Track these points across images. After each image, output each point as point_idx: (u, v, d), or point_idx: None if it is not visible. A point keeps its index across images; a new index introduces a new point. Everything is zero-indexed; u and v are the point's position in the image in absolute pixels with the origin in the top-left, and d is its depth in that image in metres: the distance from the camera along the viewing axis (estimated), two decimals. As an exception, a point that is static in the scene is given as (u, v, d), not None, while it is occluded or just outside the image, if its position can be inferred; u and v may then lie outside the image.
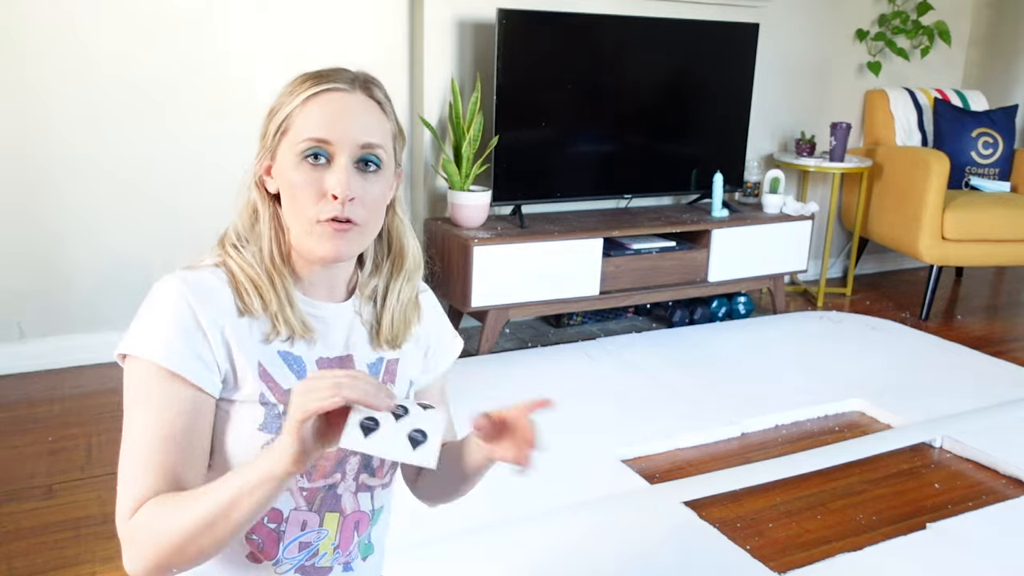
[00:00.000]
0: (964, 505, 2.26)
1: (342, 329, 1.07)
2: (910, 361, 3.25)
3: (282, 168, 1.01)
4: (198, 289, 0.98)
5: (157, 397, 0.94)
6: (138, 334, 0.96)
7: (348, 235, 1.00)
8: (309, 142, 0.99)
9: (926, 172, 3.71)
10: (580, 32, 3.31)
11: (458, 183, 3.16)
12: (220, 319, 0.98)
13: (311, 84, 1.01)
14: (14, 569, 1.84)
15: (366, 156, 1.01)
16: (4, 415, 2.56)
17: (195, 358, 0.95)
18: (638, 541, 2.00)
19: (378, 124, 1.02)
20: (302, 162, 0.99)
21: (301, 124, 0.99)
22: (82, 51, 2.80)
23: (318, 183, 0.99)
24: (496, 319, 3.15)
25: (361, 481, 1.07)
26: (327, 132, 0.99)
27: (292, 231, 1.03)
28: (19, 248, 2.84)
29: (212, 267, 1.02)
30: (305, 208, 0.99)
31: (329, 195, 0.98)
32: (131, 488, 0.92)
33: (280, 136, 1.01)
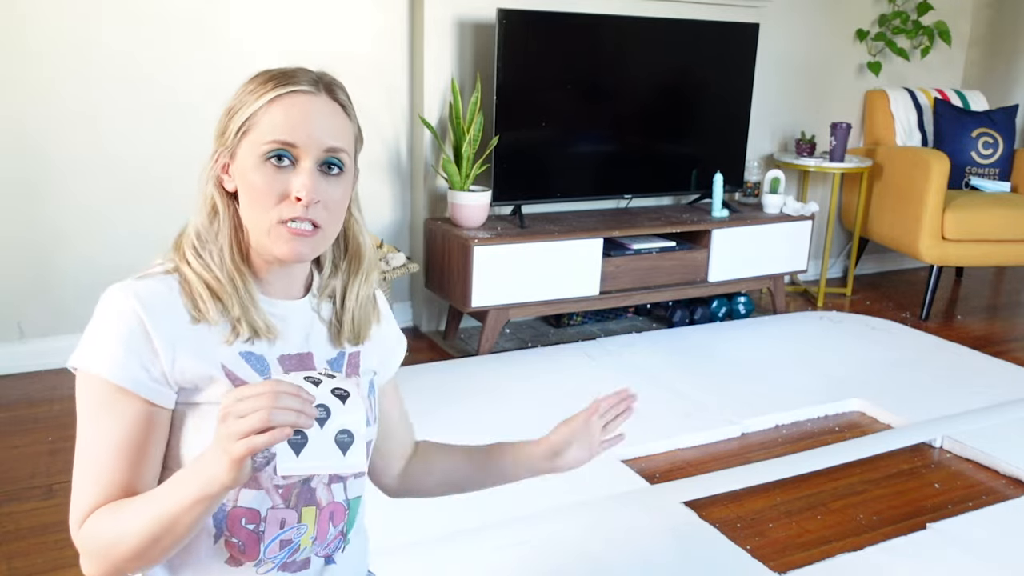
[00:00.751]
0: (964, 505, 2.26)
1: (301, 326, 1.07)
2: (910, 361, 3.25)
3: (243, 168, 1.00)
4: (148, 300, 0.96)
5: (106, 411, 0.95)
6: (87, 348, 0.96)
7: (309, 239, 1.00)
8: (274, 144, 0.98)
9: (926, 172, 3.71)
10: (580, 32, 3.31)
11: (458, 183, 3.16)
12: (172, 330, 0.96)
13: (275, 84, 1.00)
14: (14, 569, 1.84)
15: (330, 160, 1.00)
16: (4, 415, 2.56)
17: (144, 372, 0.94)
18: (638, 541, 2.00)
19: (342, 127, 1.02)
20: (265, 163, 0.98)
21: (266, 125, 0.99)
22: (82, 51, 2.80)
23: (281, 184, 0.98)
24: (496, 319, 3.15)
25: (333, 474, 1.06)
26: (292, 135, 0.98)
27: (251, 231, 1.02)
28: (19, 248, 2.84)
29: (163, 274, 1.01)
30: (266, 209, 0.99)
31: (293, 197, 0.98)
32: (80, 499, 0.95)
33: (242, 135, 1.00)
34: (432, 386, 2.79)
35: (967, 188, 4.17)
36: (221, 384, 0.98)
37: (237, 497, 0.99)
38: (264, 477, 0.99)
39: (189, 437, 0.98)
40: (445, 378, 2.91)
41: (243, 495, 0.99)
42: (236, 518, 1.00)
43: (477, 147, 3.20)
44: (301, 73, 1.02)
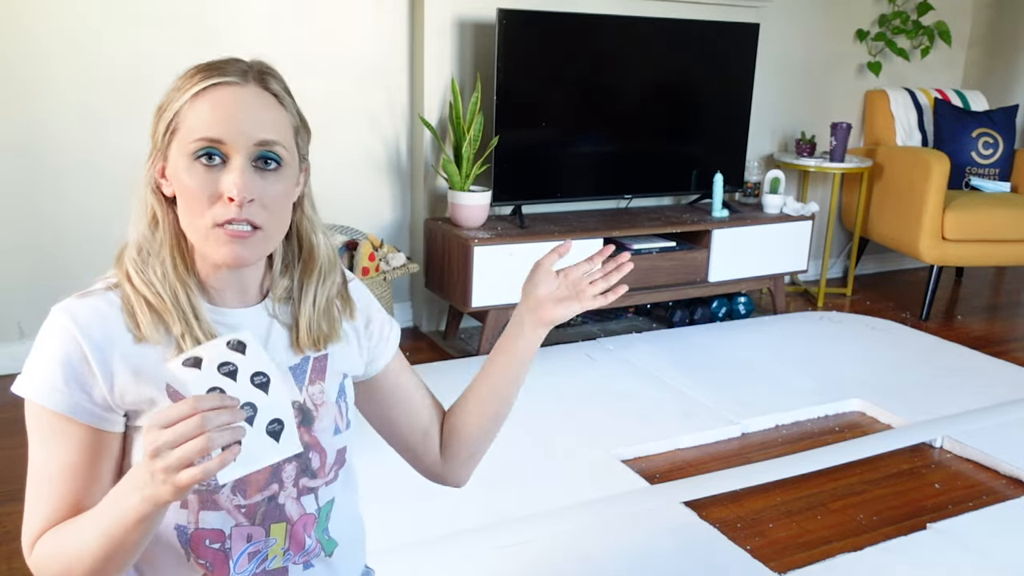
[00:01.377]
0: (964, 505, 2.26)
1: (257, 334, 0.99)
2: (910, 361, 3.25)
3: (175, 170, 0.95)
4: (86, 323, 0.93)
5: (51, 439, 0.94)
6: (29, 375, 0.94)
7: (248, 240, 0.93)
8: (200, 142, 0.92)
9: (926, 172, 3.71)
10: (580, 32, 3.31)
11: (458, 183, 3.16)
12: (112, 351, 0.93)
13: (200, 78, 0.95)
14: (14, 569, 1.84)
15: (264, 154, 0.94)
16: (4, 415, 2.56)
17: (84, 398, 0.92)
18: (638, 541, 2.00)
19: (275, 119, 0.96)
20: (194, 163, 0.93)
21: (191, 122, 0.93)
22: (82, 51, 2.80)
23: (212, 185, 0.92)
24: (496, 319, 3.15)
25: (302, 485, 1.03)
26: (219, 131, 0.92)
27: (190, 237, 0.97)
28: (19, 248, 2.84)
29: (104, 292, 0.96)
30: (200, 212, 0.93)
31: (225, 197, 0.92)
32: (32, 520, 0.95)
33: (170, 136, 0.95)
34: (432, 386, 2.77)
35: (967, 188, 4.17)
36: (162, 405, 0.93)
37: (197, 520, 0.96)
38: (223, 498, 0.96)
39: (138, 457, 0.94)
40: (445, 378, 2.91)
41: (204, 517, 0.97)
42: (199, 540, 0.97)
43: (477, 147, 3.20)
44: (230, 64, 0.96)
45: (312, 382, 1.05)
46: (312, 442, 1.03)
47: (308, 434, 1.03)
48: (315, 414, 1.04)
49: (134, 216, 1.00)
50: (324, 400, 1.05)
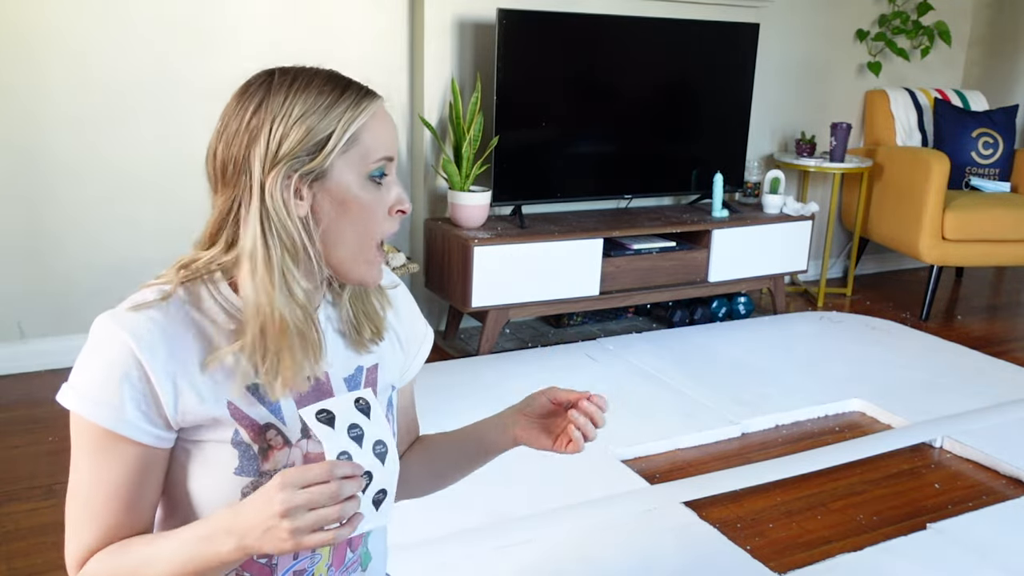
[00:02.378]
0: (964, 505, 2.26)
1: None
2: (910, 361, 3.25)
3: (341, 187, 0.92)
4: (149, 339, 0.89)
5: (101, 455, 0.90)
6: (79, 388, 0.89)
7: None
8: (382, 161, 0.95)
9: (926, 172, 3.71)
10: (580, 32, 3.31)
11: (458, 183, 3.16)
12: (176, 369, 0.90)
13: (358, 95, 0.94)
14: (14, 569, 1.84)
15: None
16: (4, 415, 2.56)
17: (142, 418, 0.89)
18: (638, 541, 2.00)
19: None
20: (369, 181, 0.94)
21: (370, 142, 0.93)
22: (81, 52, 2.80)
23: (384, 200, 0.96)
24: (496, 319, 3.15)
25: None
26: (392, 149, 0.96)
27: (336, 254, 0.95)
28: (20, 248, 2.84)
29: (162, 303, 0.92)
30: (375, 229, 0.95)
31: (395, 211, 0.96)
32: (79, 537, 0.92)
33: (339, 151, 0.92)
34: (432, 386, 2.79)
35: (967, 188, 4.17)
36: (224, 425, 0.93)
37: None
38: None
39: (196, 471, 0.94)
40: (445, 378, 2.91)
41: None
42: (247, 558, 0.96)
43: (477, 147, 3.20)
44: (355, 83, 0.98)
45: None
46: None
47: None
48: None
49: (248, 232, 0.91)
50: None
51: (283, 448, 0.96)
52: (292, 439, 0.96)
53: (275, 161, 0.90)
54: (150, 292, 0.93)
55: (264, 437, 0.94)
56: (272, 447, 0.95)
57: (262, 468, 0.94)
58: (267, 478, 0.94)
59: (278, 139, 0.91)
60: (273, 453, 0.95)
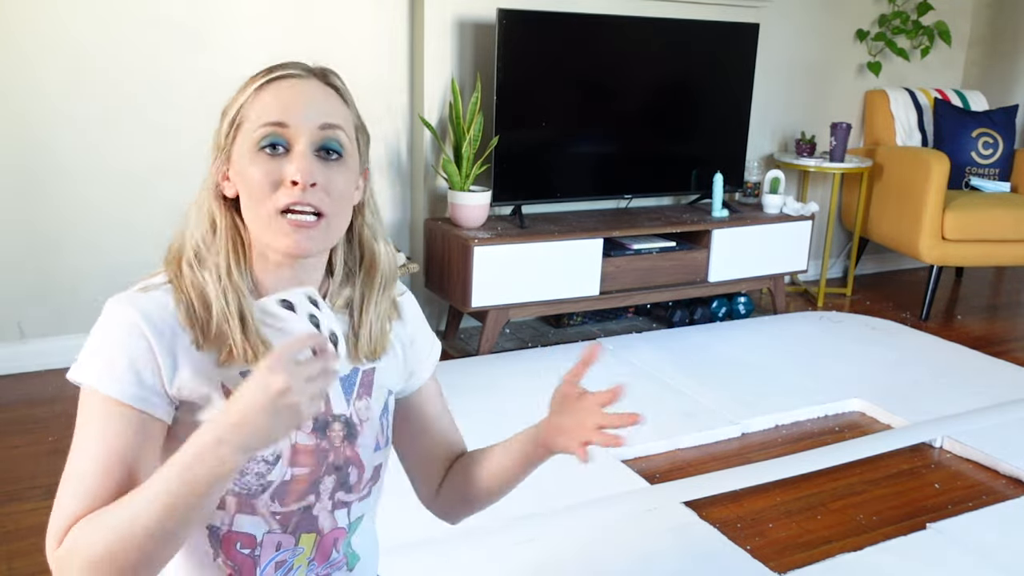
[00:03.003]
0: (964, 505, 2.26)
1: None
2: (910, 361, 3.25)
3: (239, 166, 0.96)
4: (152, 315, 0.93)
5: (103, 422, 0.91)
6: (88, 362, 0.93)
7: (312, 230, 0.95)
8: (266, 128, 0.94)
9: (926, 172, 3.71)
10: (580, 32, 3.31)
11: (458, 183, 3.16)
12: (176, 344, 0.94)
13: (263, 74, 0.98)
14: (14, 569, 1.84)
15: (327, 142, 0.96)
16: (4, 415, 2.56)
17: (143, 385, 0.92)
18: (638, 541, 2.00)
19: (337, 109, 0.98)
20: (259, 153, 0.95)
21: (256, 113, 0.95)
22: (82, 52, 2.80)
23: (276, 172, 0.94)
24: (496, 319, 3.15)
25: (337, 499, 1.03)
26: (283, 115, 0.94)
27: (252, 230, 0.98)
28: (20, 248, 2.84)
29: (165, 286, 0.97)
30: (263, 200, 0.94)
31: (288, 181, 0.94)
32: (66, 508, 0.88)
33: (234, 132, 0.97)
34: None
35: (967, 188, 4.17)
36: (217, 405, 0.94)
37: (232, 522, 0.97)
38: (260, 504, 0.97)
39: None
40: (445, 378, 2.89)
41: (238, 520, 0.97)
42: (231, 541, 0.98)
43: (477, 147, 3.20)
44: (292, 63, 0.99)
45: (359, 397, 1.05)
46: (352, 457, 1.04)
47: (350, 449, 1.03)
48: (359, 429, 1.04)
49: (192, 220, 1.00)
50: (369, 416, 1.06)
51: None
52: None
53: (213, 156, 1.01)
54: (157, 276, 0.99)
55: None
56: None
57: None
58: (254, 463, 0.96)
59: (215, 136, 1.00)
60: None
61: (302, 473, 0.99)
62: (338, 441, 1.02)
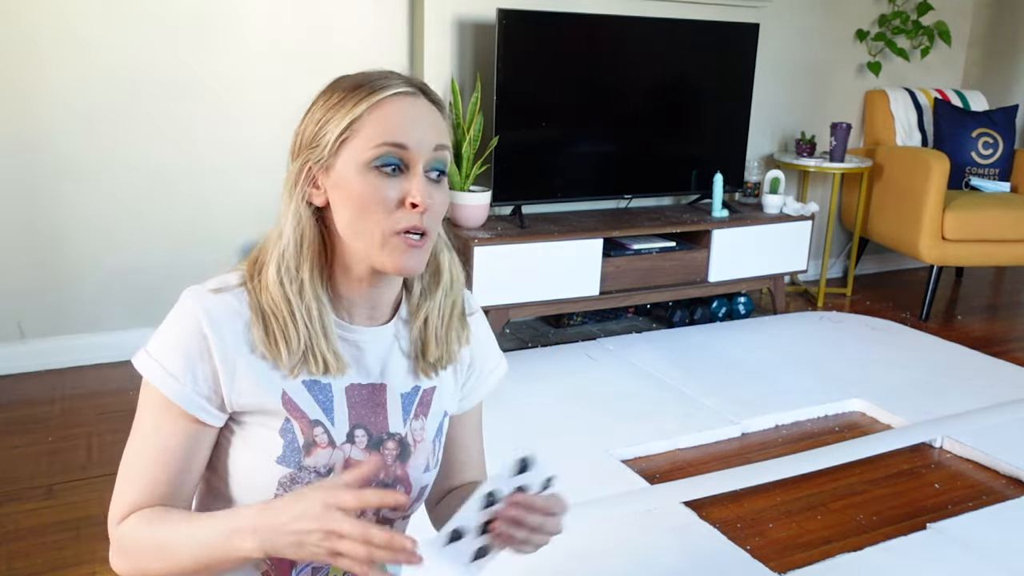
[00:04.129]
0: (964, 505, 2.26)
1: (378, 355, 1.03)
2: (910, 361, 3.25)
3: (344, 178, 0.94)
4: (219, 319, 0.94)
5: (159, 419, 0.95)
6: (151, 355, 0.95)
7: (422, 249, 0.95)
8: (384, 147, 0.92)
9: (926, 172, 3.71)
10: (580, 32, 3.31)
11: (458, 183, 3.16)
12: (239, 351, 0.94)
13: (370, 89, 0.94)
14: (14, 569, 1.84)
15: (438, 164, 0.96)
16: (4, 415, 2.56)
17: (196, 390, 0.93)
18: (638, 541, 2.00)
19: (444, 127, 0.98)
20: (370, 171, 0.93)
21: (371, 129, 0.93)
22: (83, 51, 2.80)
23: (393, 191, 0.93)
24: (496, 319, 3.15)
25: (382, 515, 1.04)
26: (404, 136, 0.93)
27: (354, 245, 0.96)
28: (20, 248, 2.84)
29: (239, 289, 0.97)
30: (379, 220, 0.93)
31: (408, 204, 0.93)
32: (125, 494, 0.95)
33: (340, 145, 0.94)
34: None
35: (967, 188, 4.17)
36: (275, 413, 0.96)
37: None
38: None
39: (240, 448, 0.97)
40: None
41: None
42: None
43: (477, 147, 3.20)
44: (390, 76, 0.97)
45: (416, 416, 1.06)
46: (402, 476, 1.04)
47: (401, 468, 1.04)
48: (412, 449, 1.05)
49: (283, 225, 0.97)
50: (424, 437, 1.06)
51: (327, 447, 0.98)
52: (337, 441, 0.99)
53: (297, 152, 0.98)
54: (233, 276, 0.99)
55: (312, 432, 0.97)
56: (317, 444, 0.97)
57: (303, 462, 0.96)
58: (307, 472, 0.96)
59: (301, 132, 0.98)
60: (316, 450, 0.97)
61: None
62: (391, 459, 1.03)
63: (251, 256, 1.00)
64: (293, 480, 0.96)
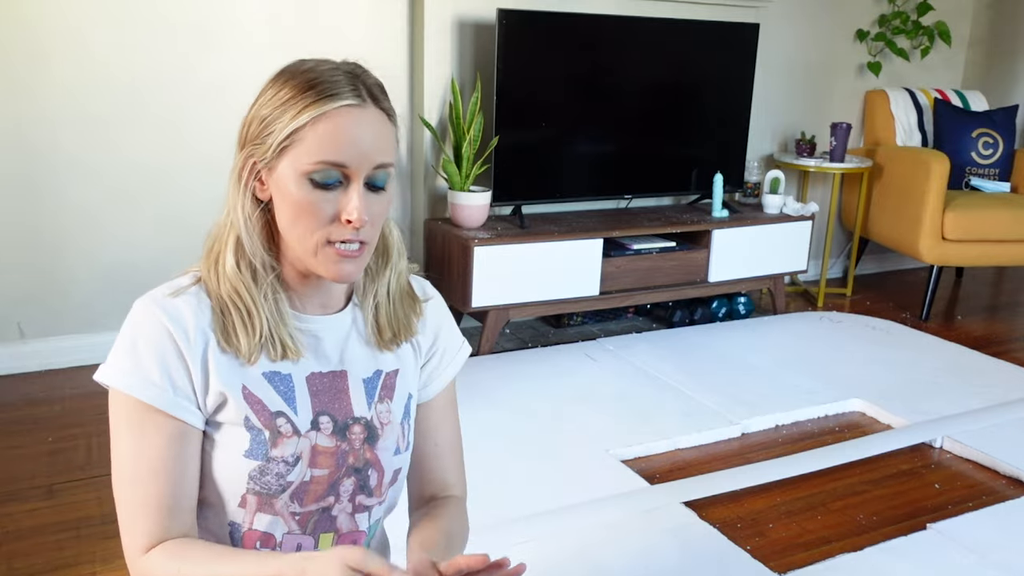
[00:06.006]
0: (964, 505, 2.26)
1: (335, 343, 1.03)
2: (910, 361, 3.25)
3: (283, 182, 0.94)
4: (182, 319, 0.94)
5: (141, 429, 0.93)
6: (117, 364, 0.94)
7: (357, 259, 0.96)
8: (322, 165, 0.92)
9: (926, 172, 3.71)
10: (580, 32, 3.31)
11: (458, 183, 3.16)
12: (200, 346, 0.94)
13: (317, 97, 0.92)
14: (14, 569, 1.84)
15: (379, 180, 0.95)
16: (4, 415, 2.55)
17: (174, 391, 0.93)
18: (638, 541, 2.00)
19: (390, 139, 0.97)
20: (307, 181, 0.93)
21: (312, 144, 0.92)
22: (83, 51, 2.80)
23: (329, 204, 0.93)
24: (496, 319, 3.15)
25: (358, 502, 1.04)
26: (343, 155, 0.92)
27: (293, 248, 0.97)
28: (20, 248, 2.84)
29: (194, 287, 0.98)
30: (313, 230, 0.94)
31: (343, 219, 0.93)
32: (136, 522, 0.93)
33: (281, 150, 0.93)
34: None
35: (967, 188, 4.17)
36: (237, 407, 0.96)
37: (252, 520, 0.98)
38: (279, 504, 0.98)
39: (215, 453, 0.97)
40: (445, 378, 2.91)
41: (258, 519, 0.98)
42: (251, 541, 0.99)
43: (477, 147, 3.20)
44: (341, 80, 0.94)
45: (381, 400, 1.06)
46: (372, 459, 1.05)
47: (370, 451, 1.04)
48: (380, 432, 1.05)
49: (230, 217, 0.98)
50: (390, 420, 1.07)
51: (292, 437, 0.98)
52: (301, 430, 0.99)
53: (243, 144, 0.98)
54: (185, 278, 0.99)
55: (275, 423, 0.97)
56: (281, 434, 0.98)
57: (270, 454, 0.97)
58: (275, 463, 0.97)
59: (248, 123, 0.97)
60: (282, 440, 0.98)
61: (321, 474, 1.00)
62: (358, 443, 1.03)
63: (206, 247, 1.00)
64: (262, 472, 0.96)
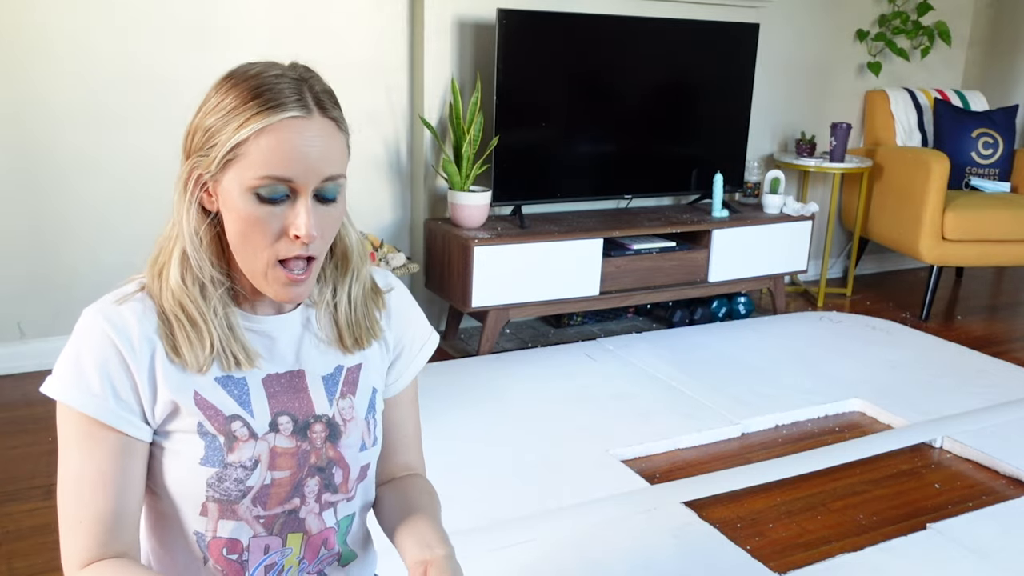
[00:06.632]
0: (964, 505, 2.26)
1: (290, 342, 1.01)
2: (910, 361, 3.25)
3: (229, 195, 0.91)
4: (127, 329, 0.92)
5: (85, 443, 0.91)
6: (61, 377, 0.91)
7: (306, 280, 0.93)
8: (268, 180, 0.88)
9: (926, 172, 3.71)
10: (580, 32, 3.31)
11: (458, 183, 3.16)
12: (146, 355, 0.92)
13: (260, 109, 0.89)
14: (14, 569, 1.84)
15: (328, 192, 0.92)
16: (4, 415, 2.56)
17: (116, 403, 0.91)
18: (638, 541, 2.00)
19: (338, 149, 0.93)
20: (252, 196, 0.89)
21: (255, 158, 0.88)
22: (84, 49, 2.80)
23: (276, 220, 0.90)
24: (496, 319, 3.15)
25: (324, 500, 1.02)
26: (288, 170, 0.88)
27: (242, 264, 0.94)
28: (20, 248, 2.84)
29: (140, 295, 0.95)
30: (262, 247, 0.91)
31: (291, 235, 0.90)
32: (79, 538, 0.91)
33: (227, 163, 0.90)
34: (432, 387, 2.79)
35: (967, 188, 4.17)
36: (189, 415, 0.94)
37: (215, 528, 0.96)
38: (242, 509, 0.96)
39: (169, 463, 0.95)
40: (445, 379, 2.91)
41: (221, 526, 0.96)
42: (217, 548, 0.97)
43: (477, 147, 3.20)
44: (287, 89, 0.91)
45: (343, 395, 1.03)
46: (336, 457, 1.02)
47: (333, 449, 1.02)
48: (342, 429, 1.03)
49: (178, 227, 0.96)
50: (353, 416, 1.04)
51: (249, 440, 0.96)
52: (259, 432, 0.97)
53: (187, 154, 0.95)
54: (131, 286, 0.97)
55: (229, 428, 0.95)
56: (238, 439, 0.95)
57: (227, 459, 0.94)
58: (232, 468, 0.94)
59: (192, 132, 0.95)
60: (239, 444, 0.95)
61: (283, 476, 0.97)
62: (320, 442, 1.01)
63: (152, 256, 0.97)
64: (220, 479, 0.94)
